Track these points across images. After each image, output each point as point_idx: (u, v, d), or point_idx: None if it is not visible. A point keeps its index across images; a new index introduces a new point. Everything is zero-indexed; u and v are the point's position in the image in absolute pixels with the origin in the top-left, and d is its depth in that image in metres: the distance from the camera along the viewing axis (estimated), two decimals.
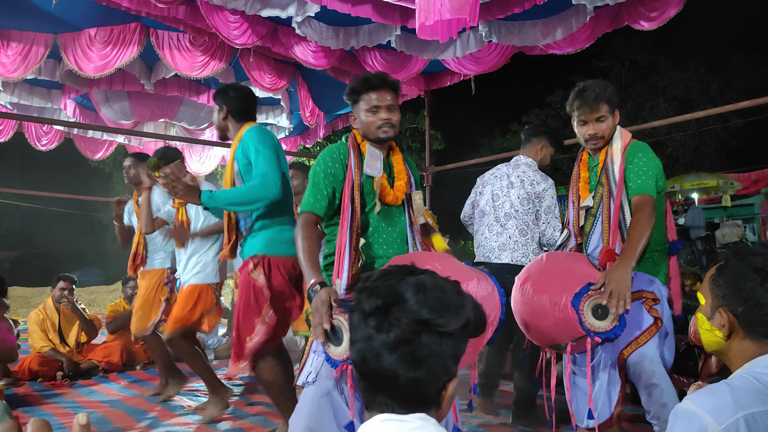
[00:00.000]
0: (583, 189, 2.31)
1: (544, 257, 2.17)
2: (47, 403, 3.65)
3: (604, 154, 2.24)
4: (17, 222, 20.33)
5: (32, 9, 4.75)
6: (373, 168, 2.00)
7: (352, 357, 0.94)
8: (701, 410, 1.05)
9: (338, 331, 1.63)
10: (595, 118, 2.20)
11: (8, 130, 6.94)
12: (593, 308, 1.84)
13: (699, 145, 18.39)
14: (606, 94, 2.19)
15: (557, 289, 1.93)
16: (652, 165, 2.14)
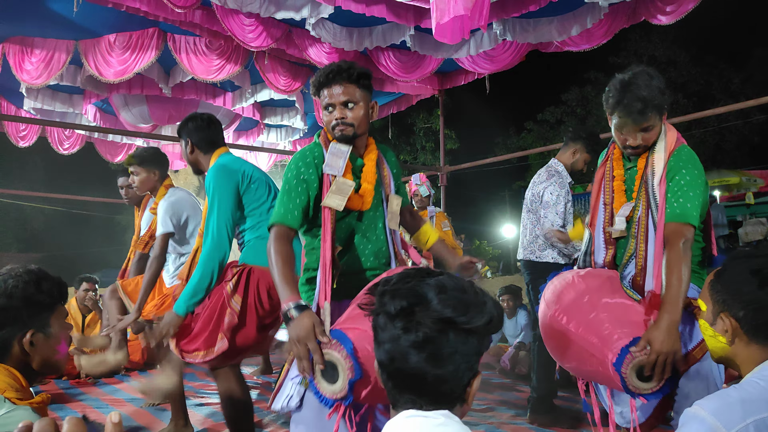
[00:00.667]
0: (618, 190, 1.95)
1: (575, 278, 1.85)
2: (73, 401, 3.73)
3: (644, 160, 1.89)
4: (41, 224, 20.76)
5: (54, 17, 4.86)
6: (332, 167, 1.75)
7: (380, 358, 0.95)
8: (710, 415, 1.05)
9: (333, 367, 1.47)
10: (644, 128, 1.83)
11: (32, 135, 7.10)
12: (638, 369, 1.59)
13: (720, 141, 18.07)
14: (655, 100, 1.78)
15: (597, 338, 1.66)
16: (697, 184, 1.78)
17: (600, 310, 1.71)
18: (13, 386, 1.20)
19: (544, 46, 5.23)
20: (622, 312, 1.70)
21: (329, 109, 1.77)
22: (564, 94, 18.50)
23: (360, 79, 1.76)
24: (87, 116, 6.89)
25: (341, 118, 1.74)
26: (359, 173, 1.83)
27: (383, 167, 1.90)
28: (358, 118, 1.76)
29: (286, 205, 1.74)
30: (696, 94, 17.63)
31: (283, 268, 1.64)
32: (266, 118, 7.22)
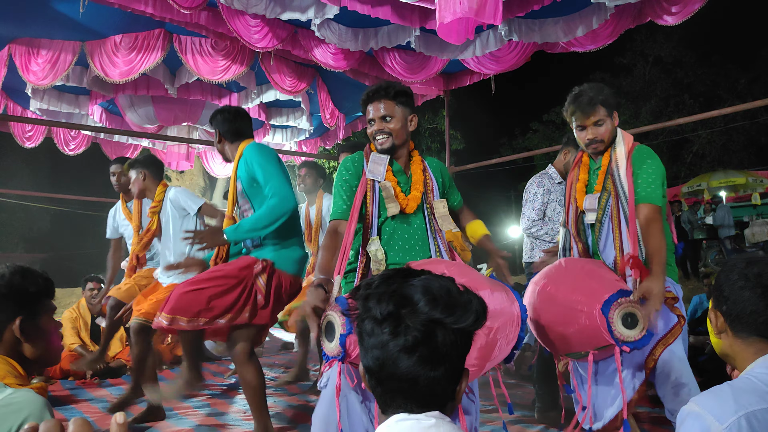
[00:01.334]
0: (580, 191, 2.28)
1: (563, 262, 2.12)
2: (79, 401, 3.75)
3: (608, 158, 2.20)
4: (46, 225, 20.87)
5: (60, 18, 4.88)
6: (374, 173, 2.05)
7: (368, 364, 0.94)
8: (704, 411, 1.09)
9: (331, 326, 1.66)
10: (593, 122, 2.18)
11: (38, 135, 7.14)
12: (623, 316, 1.80)
13: (726, 142, 17.98)
14: (601, 97, 2.17)
15: (583, 295, 1.88)
16: (659, 172, 2.12)
17: (587, 275, 1.97)
18: (12, 373, 1.24)
19: (550, 46, 5.21)
20: (607, 278, 1.93)
21: (371, 123, 2.08)
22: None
23: (397, 96, 2.06)
24: (93, 117, 6.91)
25: (380, 129, 2.05)
26: (400, 178, 2.11)
27: (427, 175, 2.16)
28: (395, 130, 2.06)
29: (337, 203, 2.08)
30: (702, 95, 17.55)
31: (323, 257, 1.95)
32: (272, 118, 7.23)
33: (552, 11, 4.54)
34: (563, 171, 3.37)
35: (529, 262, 3.40)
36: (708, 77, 17.78)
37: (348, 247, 1.96)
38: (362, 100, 2.10)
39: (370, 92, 2.08)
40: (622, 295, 1.84)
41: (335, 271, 1.92)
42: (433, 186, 2.15)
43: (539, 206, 3.28)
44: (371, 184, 2.04)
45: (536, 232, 3.27)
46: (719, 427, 1.04)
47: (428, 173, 2.16)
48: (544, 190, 3.31)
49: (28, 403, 1.13)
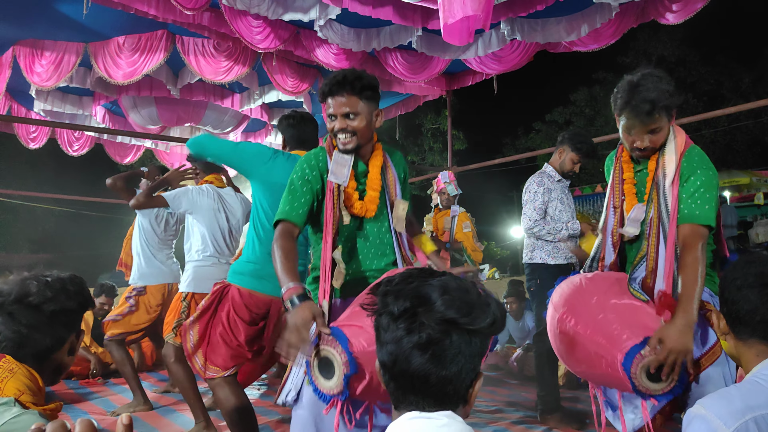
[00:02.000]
0: (629, 193, 1.94)
1: (583, 281, 1.84)
2: (82, 401, 3.76)
3: (654, 161, 1.87)
4: (51, 225, 20.95)
5: (64, 19, 4.90)
6: (337, 175, 1.81)
7: (383, 359, 0.95)
8: (711, 414, 1.07)
9: (328, 363, 1.49)
10: (650, 130, 1.82)
11: (42, 136, 7.17)
12: (647, 370, 1.56)
13: (730, 141, 17.92)
14: (663, 101, 1.77)
15: (605, 339, 1.63)
16: (712, 185, 1.78)
17: (608, 311, 1.68)
18: (31, 389, 1.22)
19: (553, 46, 5.20)
20: (631, 313, 1.67)
21: (332, 118, 1.81)
22: (572, 94, 18.44)
23: (363, 90, 1.78)
24: (96, 118, 6.94)
25: (342, 128, 1.79)
26: (363, 179, 1.87)
27: (388, 172, 1.93)
28: (359, 129, 1.80)
29: (291, 203, 1.80)
30: (706, 94, 17.50)
31: (285, 260, 1.68)
32: (274, 119, 7.24)
33: (555, 11, 4.53)
34: (560, 169, 3.37)
35: (529, 263, 3.38)
36: (711, 76, 17.73)
37: (329, 265, 1.75)
38: (322, 90, 1.80)
39: (332, 83, 1.78)
40: (645, 344, 1.58)
41: (321, 295, 1.71)
42: (395, 184, 1.92)
43: (540, 205, 3.27)
44: (336, 188, 1.81)
45: (538, 232, 3.26)
46: (726, 430, 1.03)
47: (390, 170, 1.93)
48: (544, 189, 3.29)
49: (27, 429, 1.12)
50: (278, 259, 1.69)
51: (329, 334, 1.50)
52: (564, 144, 3.37)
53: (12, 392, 1.18)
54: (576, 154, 3.32)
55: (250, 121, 7.34)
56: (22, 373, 1.22)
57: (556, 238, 3.22)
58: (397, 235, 1.91)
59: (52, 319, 1.25)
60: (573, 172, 3.37)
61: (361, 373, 1.46)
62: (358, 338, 1.48)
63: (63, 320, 1.28)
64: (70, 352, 1.33)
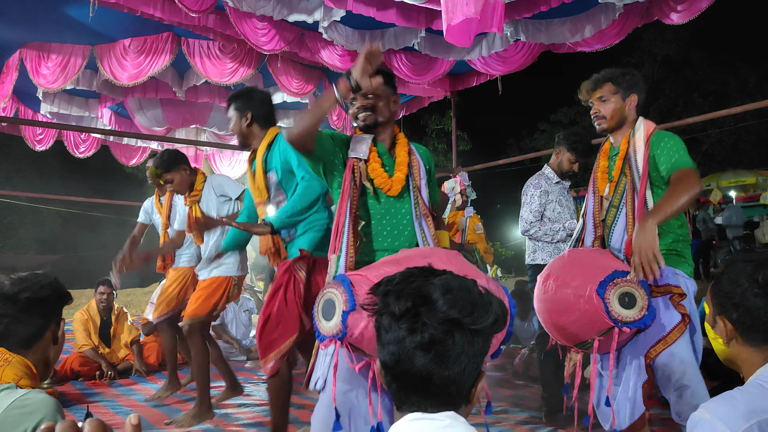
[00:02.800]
0: (600, 179, 2.22)
1: (566, 253, 2.08)
2: (89, 402, 3.78)
3: (626, 143, 2.14)
4: (57, 226, 21.05)
5: (70, 22, 4.94)
6: (357, 151, 1.95)
7: (384, 359, 0.94)
8: (715, 418, 1.06)
9: (331, 304, 1.60)
10: (597, 97, 2.17)
11: (48, 138, 7.22)
12: (620, 296, 1.75)
13: (736, 141, 17.83)
14: (611, 75, 2.16)
15: (581, 281, 1.84)
16: (682, 146, 2.03)
17: (586, 262, 1.93)
18: (27, 375, 1.27)
19: (557, 46, 5.20)
20: (607, 263, 1.89)
21: (352, 103, 1.97)
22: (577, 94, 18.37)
23: (378, 73, 1.87)
24: (102, 120, 6.98)
25: (362, 106, 1.95)
26: (385, 160, 1.99)
27: (413, 159, 2.04)
28: (377, 106, 1.96)
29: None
30: (712, 94, 17.42)
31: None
32: (279, 120, 7.26)
33: (559, 11, 4.53)
34: (558, 170, 3.38)
35: (531, 264, 3.38)
36: (717, 76, 17.64)
37: (341, 224, 1.87)
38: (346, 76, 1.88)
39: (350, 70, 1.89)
40: (618, 275, 1.78)
41: (330, 249, 1.86)
42: (420, 170, 2.04)
43: (536, 208, 3.28)
44: (357, 165, 1.93)
45: (535, 234, 3.27)
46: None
47: (415, 156, 2.05)
48: (541, 192, 3.30)
49: (42, 404, 1.14)
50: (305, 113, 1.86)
51: (333, 281, 1.62)
52: (560, 144, 3.38)
53: (10, 378, 1.21)
54: (572, 154, 3.32)
55: None
56: (17, 361, 1.27)
57: (554, 239, 3.23)
58: (425, 219, 1.99)
59: (28, 307, 1.32)
60: (572, 171, 3.37)
61: (359, 314, 1.52)
62: (361, 284, 1.57)
63: (39, 309, 1.34)
64: (54, 342, 1.38)
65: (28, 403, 1.12)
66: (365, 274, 1.63)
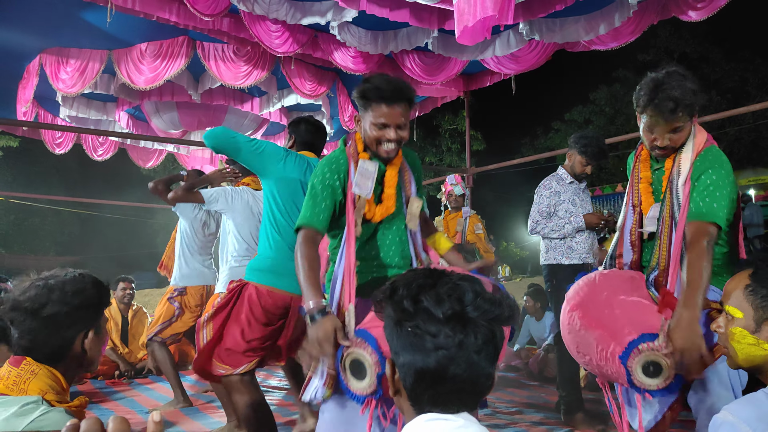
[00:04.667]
0: (645, 192, 1.94)
1: (597, 277, 1.87)
2: (109, 401, 3.84)
3: (671, 161, 1.87)
4: (76, 228, 21.41)
5: (88, 28, 5.02)
6: (362, 188, 1.80)
7: (427, 365, 0.91)
8: (739, 420, 1.04)
9: (359, 364, 1.54)
10: (670, 129, 1.80)
11: (67, 142, 7.34)
12: (644, 365, 1.59)
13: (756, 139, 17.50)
14: (687, 100, 1.75)
15: (606, 333, 1.68)
16: (724, 184, 1.75)
17: (615, 307, 1.72)
18: (54, 388, 1.25)
19: (571, 45, 5.16)
20: (637, 309, 1.70)
21: (384, 126, 1.77)
22: (592, 93, 18.19)
23: (412, 102, 1.81)
24: (120, 123, 7.09)
25: (397, 140, 1.78)
26: (382, 180, 1.88)
27: (405, 171, 1.94)
28: (405, 139, 1.81)
29: (313, 209, 1.78)
30: (730, 91, 17.12)
31: (309, 271, 1.69)
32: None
33: (573, 10, 4.49)
34: (571, 172, 3.39)
35: (545, 264, 3.40)
36: (736, 73, 17.34)
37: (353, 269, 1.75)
38: (377, 95, 1.75)
39: (391, 90, 1.74)
40: (645, 339, 1.60)
41: (346, 299, 1.70)
42: (411, 183, 1.94)
43: (545, 208, 3.32)
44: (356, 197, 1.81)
45: (541, 231, 3.32)
46: None
47: (406, 171, 1.94)
48: (550, 192, 3.34)
49: (54, 425, 1.15)
50: (302, 270, 1.69)
51: (355, 339, 1.55)
52: (572, 148, 3.40)
53: (36, 392, 1.21)
54: (582, 156, 3.32)
55: (270, 125, 7.42)
56: (44, 373, 1.25)
57: (561, 234, 3.26)
58: (411, 234, 1.92)
59: (49, 322, 1.27)
60: (585, 173, 3.38)
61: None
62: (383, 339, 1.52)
63: (63, 322, 1.28)
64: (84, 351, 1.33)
65: (44, 424, 1.13)
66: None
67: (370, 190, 1.80)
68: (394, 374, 0.97)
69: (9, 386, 1.21)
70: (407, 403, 0.95)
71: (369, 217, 1.83)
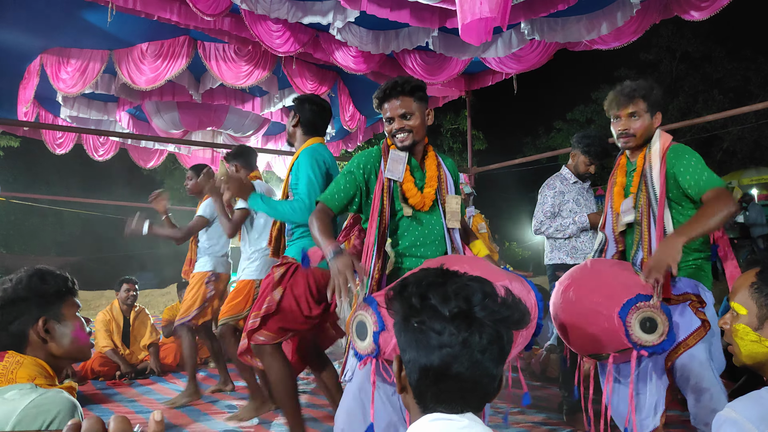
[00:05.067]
0: (617, 194, 2.20)
1: (588, 262, 2.05)
2: (110, 402, 3.84)
3: (642, 159, 2.12)
4: (77, 229, 21.41)
5: (89, 27, 5.02)
6: (393, 172, 2.01)
7: (431, 363, 0.92)
8: (742, 418, 1.04)
9: (363, 326, 1.70)
10: (628, 113, 2.10)
11: (68, 142, 7.34)
12: (641, 321, 1.75)
13: (758, 138, 17.45)
14: (644, 91, 2.08)
15: (603, 297, 1.83)
16: (704, 163, 2.01)
17: (609, 277, 1.90)
18: (42, 374, 1.27)
19: (573, 44, 5.15)
20: (629, 278, 1.87)
21: (390, 121, 2.02)
22: (594, 92, 18.16)
23: (414, 91, 2.00)
24: (121, 123, 7.08)
25: (400, 128, 2.00)
26: (418, 175, 2.06)
27: (441, 171, 2.11)
28: (415, 127, 2.01)
29: (332, 190, 2.05)
30: (733, 90, 17.08)
31: (321, 226, 1.94)
32: None
33: (575, 9, 4.48)
34: (575, 172, 3.40)
35: (550, 264, 3.40)
36: (738, 72, 17.29)
37: (371, 247, 1.94)
38: (378, 96, 2.03)
39: (386, 89, 2.00)
40: (641, 299, 1.77)
41: (363, 271, 1.87)
42: (448, 181, 2.11)
43: (549, 208, 3.34)
44: (388, 183, 2.00)
45: (546, 231, 3.33)
46: None
47: (443, 169, 2.12)
48: (555, 192, 3.35)
49: (57, 402, 1.17)
50: (316, 227, 1.95)
51: (362, 303, 1.72)
52: (575, 148, 3.40)
53: (25, 379, 1.23)
54: (586, 156, 3.33)
55: (271, 125, 7.41)
56: (29, 362, 1.28)
57: (565, 234, 3.27)
58: (449, 232, 2.05)
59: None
60: (589, 173, 3.38)
61: (390, 332, 1.64)
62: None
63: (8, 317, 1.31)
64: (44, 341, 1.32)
65: (46, 402, 1.16)
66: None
67: (401, 173, 2.01)
68: (401, 371, 0.97)
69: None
70: (413, 401, 0.95)
71: (413, 202, 2.00)
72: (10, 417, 1.12)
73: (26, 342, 1.31)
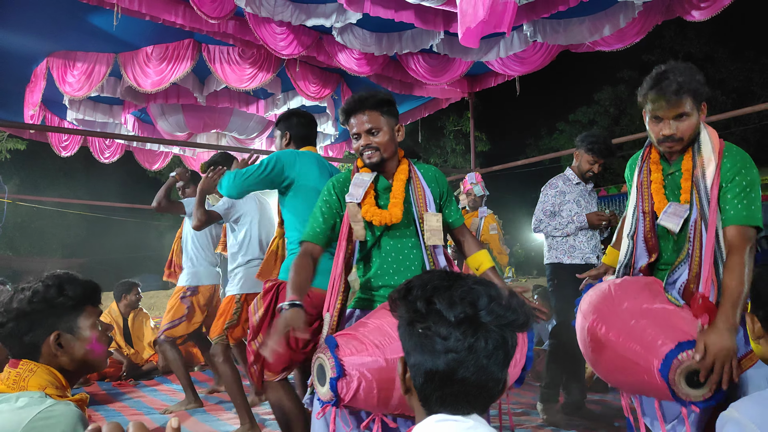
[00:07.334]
0: (656, 193, 1.83)
1: (612, 287, 1.75)
2: (116, 402, 3.87)
3: (690, 161, 1.77)
4: (83, 231, 21.50)
5: (95, 31, 5.06)
6: (353, 195, 1.88)
7: (436, 368, 0.91)
8: (745, 418, 1.03)
9: (322, 370, 1.56)
10: (675, 115, 1.73)
11: (74, 144, 7.39)
12: (687, 376, 1.49)
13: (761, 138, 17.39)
14: (692, 84, 1.71)
15: (640, 345, 1.56)
16: (757, 184, 1.70)
17: (640, 317, 1.61)
18: (54, 384, 1.27)
19: (575, 46, 5.15)
20: (664, 317, 1.60)
21: (356, 137, 1.89)
22: (597, 93, 18.15)
23: (381, 105, 1.86)
24: (126, 126, 7.12)
25: (366, 144, 1.87)
26: (385, 195, 1.92)
27: (416, 185, 1.94)
28: (383, 144, 1.87)
29: (311, 224, 1.94)
30: (735, 91, 17.04)
31: (295, 276, 1.80)
32: None
33: (577, 11, 4.49)
34: (578, 172, 3.41)
35: (547, 263, 3.43)
36: (741, 73, 17.25)
37: (338, 279, 1.82)
38: (343, 110, 1.89)
39: (350, 103, 1.87)
40: (683, 349, 1.50)
41: (326, 307, 1.79)
42: (426, 196, 1.92)
43: (549, 207, 3.36)
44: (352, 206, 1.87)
45: (544, 229, 3.34)
46: None
47: (419, 183, 1.93)
48: (556, 192, 3.37)
49: (64, 417, 1.16)
50: (290, 274, 1.81)
51: (323, 344, 1.60)
52: (579, 147, 3.41)
53: (36, 387, 1.23)
54: (590, 155, 3.33)
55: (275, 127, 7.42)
56: (42, 371, 1.27)
57: (563, 232, 3.28)
58: (430, 250, 1.89)
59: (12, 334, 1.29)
60: (592, 172, 3.38)
61: (349, 379, 1.52)
62: (349, 345, 1.55)
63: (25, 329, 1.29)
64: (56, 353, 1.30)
65: (53, 415, 1.15)
66: (353, 333, 1.60)
67: (360, 196, 1.87)
68: (405, 373, 0.97)
69: (9, 385, 1.23)
70: (418, 403, 0.96)
71: (369, 219, 1.87)
72: (17, 428, 1.11)
73: (39, 353, 1.30)
